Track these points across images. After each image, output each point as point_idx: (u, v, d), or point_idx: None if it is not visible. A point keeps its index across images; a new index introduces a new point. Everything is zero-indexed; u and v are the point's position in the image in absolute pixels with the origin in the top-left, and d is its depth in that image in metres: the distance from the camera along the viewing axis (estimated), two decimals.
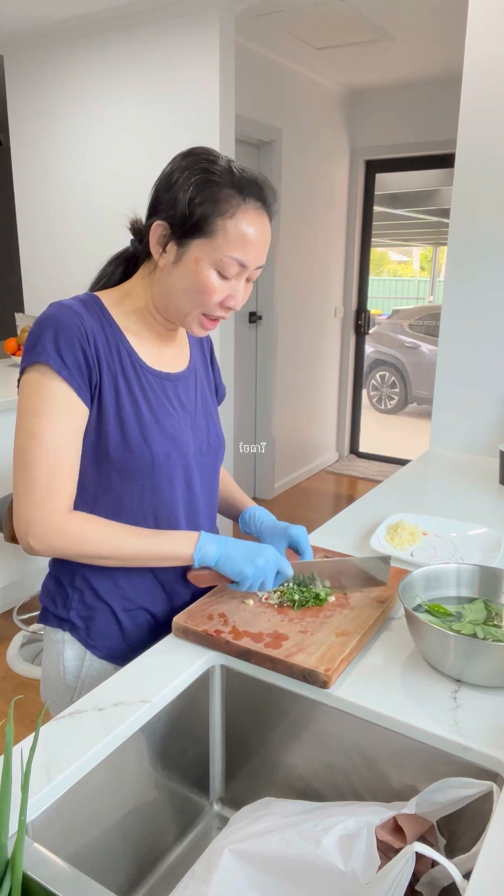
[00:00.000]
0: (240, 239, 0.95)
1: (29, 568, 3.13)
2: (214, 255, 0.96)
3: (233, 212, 0.95)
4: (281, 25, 3.32)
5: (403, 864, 0.66)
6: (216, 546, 1.02)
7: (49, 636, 1.12)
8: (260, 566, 1.02)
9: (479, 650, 0.91)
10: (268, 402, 4.43)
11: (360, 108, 4.71)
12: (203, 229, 0.95)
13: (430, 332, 7.44)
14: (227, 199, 0.95)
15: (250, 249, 0.97)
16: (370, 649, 1.02)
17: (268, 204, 1.00)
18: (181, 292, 0.99)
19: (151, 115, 3.19)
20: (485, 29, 1.88)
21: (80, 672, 1.10)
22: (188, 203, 0.94)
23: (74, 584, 1.08)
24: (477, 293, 2.07)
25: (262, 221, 0.98)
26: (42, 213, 3.74)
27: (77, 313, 0.97)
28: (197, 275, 0.97)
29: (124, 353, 1.02)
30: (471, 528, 1.48)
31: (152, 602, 1.11)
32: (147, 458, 1.02)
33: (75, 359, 0.95)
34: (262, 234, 0.98)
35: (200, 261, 0.96)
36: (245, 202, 0.96)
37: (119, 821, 0.88)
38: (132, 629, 1.10)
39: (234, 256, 0.96)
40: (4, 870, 0.62)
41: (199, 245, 0.96)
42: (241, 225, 0.95)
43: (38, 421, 0.94)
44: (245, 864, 0.74)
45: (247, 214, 0.96)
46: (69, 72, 3.44)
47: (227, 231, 0.95)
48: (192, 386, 1.13)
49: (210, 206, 0.94)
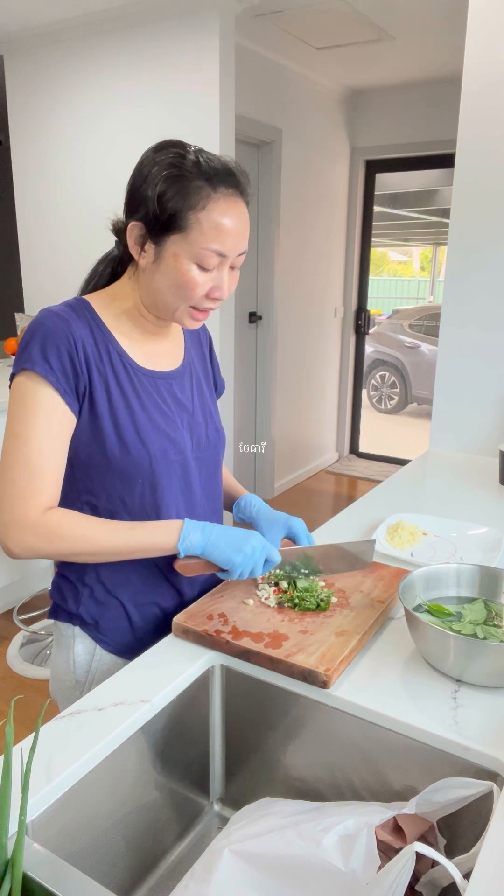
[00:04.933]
0: (215, 230, 0.95)
1: (29, 568, 3.13)
2: (192, 250, 0.95)
3: (203, 203, 0.94)
4: (281, 25, 3.32)
5: (403, 864, 0.66)
6: (201, 534, 1.01)
7: (59, 631, 1.13)
8: (248, 553, 1.02)
9: (479, 650, 0.91)
10: (268, 402, 4.43)
11: (360, 108, 4.71)
12: (176, 225, 0.95)
13: (430, 332, 7.45)
14: (197, 191, 0.94)
15: (227, 239, 0.96)
16: (370, 649, 1.02)
17: (241, 189, 0.98)
18: (165, 289, 0.99)
19: (151, 114, 3.20)
20: (485, 29, 1.88)
21: (90, 667, 1.11)
22: (157, 200, 0.94)
23: (85, 579, 1.09)
24: (477, 293, 2.07)
25: (237, 208, 0.97)
26: (42, 213, 3.74)
27: (65, 320, 0.97)
28: (177, 271, 0.97)
29: (115, 356, 1.02)
30: (471, 528, 1.48)
31: (162, 597, 1.12)
32: (144, 458, 1.02)
33: (62, 365, 0.95)
34: (239, 221, 0.97)
35: (179, 256, 0.96)
36: (215, 192, 0.95)
37: (119, 821, 0.88)
38: (142, 624, 1.11)
39: (212, 248, 0.95)
40: (4, 870, 0.62)
41: (175, 241, 0.96)
42: (214, 216, 0.94)
43: (22, 425, 0.95)
44: (245, 864, 0.74)
45: (218, 204, 0.95)
46: (69, 72, 3.44)
47: (200, 224, 0.94)
48: (188, 383, 1.14)
49: (180, 200, 0.94)
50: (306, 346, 4.76)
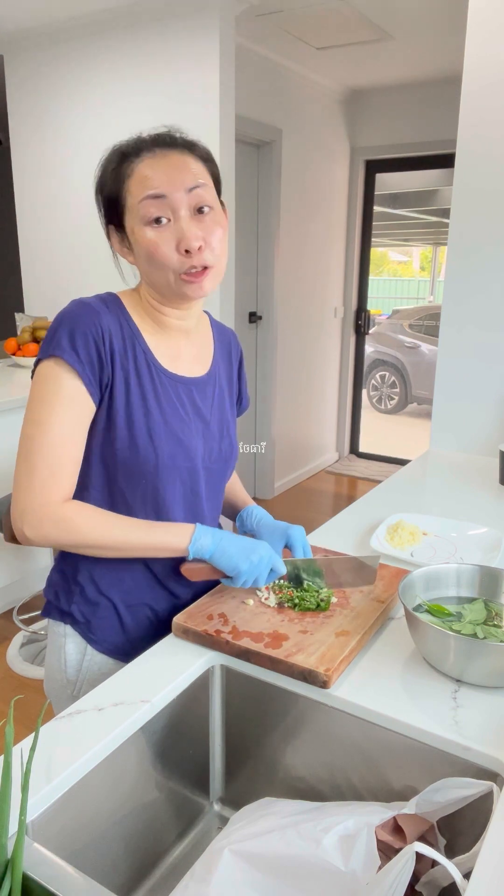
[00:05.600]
0: (141, 182, 0.95)
1: (29, 568, 3.13)
2: (135, 214, 0.96)
3: (130, 171, 0.96)
4: (281, 25, 3.32)
5: (403, 864, 0.66)
6: (211, 539, 1.02)
7: (51, 629, 1.13)
8: (255, 562, 1.02)
9: (479, 650, 0.91)
10: (268, 402, 4.43)
11: (360, 108, 4.71)
12: (119, 204, 0.97)
13: (430, 332, 7.45)
14: (127, 164, 0.96)
15: (155, 180, 0.94)
16: (370, 649, 1.02)
17: (168, 142, 0.98)
18: (146, 268, 1.00)
19: (151, 114, 3.19)
20: (485, 29, 1.88)
21: (81, 666, 1.11)
22: (100, 191, 0.98)
23: (77, 578, 1.09)
24: (477, 293, 2.07)
25: (165, 158, 0.96)
26: (42, 213, 3.74)
27: (95, 311, 0.98)
28: (139, 243, 0.97)
29: (140, 354, 1.02)
30: (471, 528, 1.48)
31: (154, 599, 1.11)
32: (151, 459, 1.02)
33: (88, 355, 0.96)
34: (167, 165, 0.95)
35: (134, 229, 0.97)
36: (138, 157, 0.96)
37: (119, 821, 0.88)
38: (133, 625, 1.11)
39: (145, 196, 0.94)
40: (4, 870, 0.62)
41: (127, 219, 0.98)
42: (139, 173, 0.96)
43: (46, 411, 0.95)
44: (245, 864, 0.74)
45: (143, 163, 0.96)
46: (69, 72, 3.44)
47: (131, 189, 0.96)
48: (210, 392, 1.13)
49: (113, 182, 0.97)
50: (306, 346, 4.76)
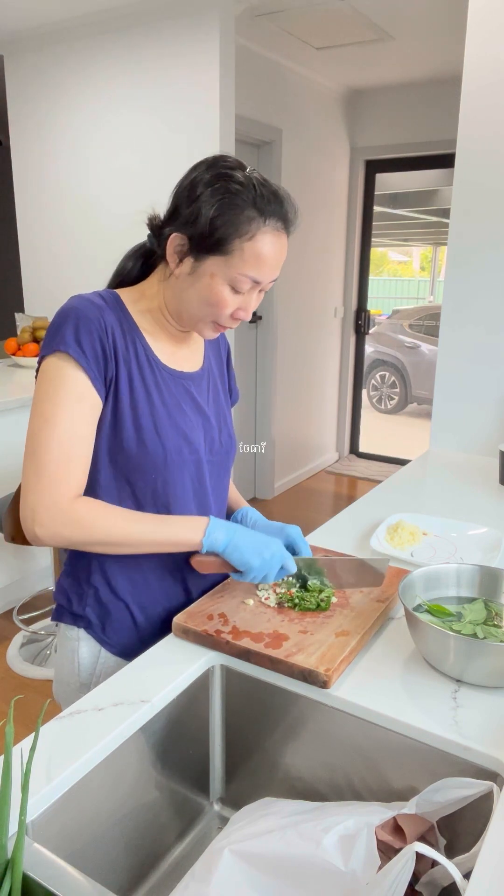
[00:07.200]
0: (255, 259, 0.97)
1: (29, 568, 3.13)
2: (230, 273, 0.97)
3: (252, 234, 0.96)
4: (281, 25, 3.32)
5: (403, 864, 0.66)
6: (225, 533, 1.02)
7: (63, 633, 1.13)
8: (266, 559, 1.03)
9: (479, 650, 0.91)
10: (268, 402, 4.43)
11: (360, 108, 4.71)
12: (221, 248, 0.96)
13: (430, 332, 7.45)
14: (248, 221, 0.95)
15: (265, 268, 0.98)
16: (370, 649, 1.02)
17: (288, 221, 1.01)
18: (194, 302, 1.01)
19: (151, 114, 3.19)
20: (485, 29, 1.88)
21: (95, 669, 1.11)
22: (209, 223, 0.95)
23: (91, 580, 1.09)
24: (477, 293, 2.07)
25: (280, 241, 0.99)
26: (42, 213, 3.74)
27: (98, 307, 0.99)
28: (210, 289, 0.98)
29: (140, 350, 1.03)
30: (471, 528, 1.48)
31: (168, 598, 1.12)
32: (160, 453, 1.03)
33: (93, 350, 0.96)
34: (279, 252, 0.99)
35: (215, 276, 0.98)
36: (265, 224, 0.96)
37: (119, 821, 0.88)
38: (147, 625, 1.11)
39: (249, 275, 0.97)
40: (4, 870, 0.62)
41: (215, 262, 0.97)
42: (257, 246, 0.96)
43: (53, 407, 0.95)
44: (245, 864, 0.74)
45: (265, 236, 0.97)
46: (69, 72, 3.44)
47: (243, 251, 0.96)
48: (206, 386, 1.15)
49: (231, 228, 0.95)
50: (306, 346, 4.76)
